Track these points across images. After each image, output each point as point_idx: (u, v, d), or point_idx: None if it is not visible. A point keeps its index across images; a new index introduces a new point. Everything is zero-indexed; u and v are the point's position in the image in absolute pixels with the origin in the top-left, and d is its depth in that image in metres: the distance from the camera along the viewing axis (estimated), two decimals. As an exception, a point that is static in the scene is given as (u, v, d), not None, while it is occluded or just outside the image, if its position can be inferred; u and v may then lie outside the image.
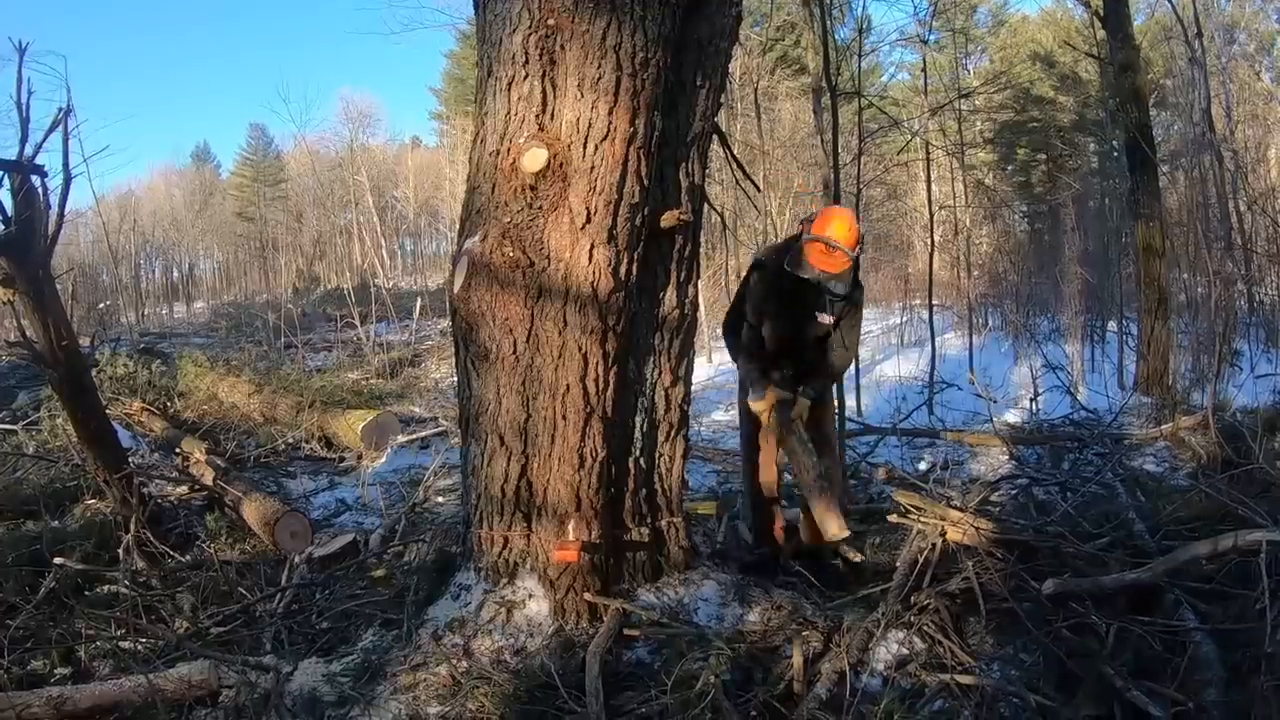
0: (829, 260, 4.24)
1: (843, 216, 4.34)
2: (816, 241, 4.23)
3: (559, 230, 3.39)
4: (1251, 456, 5.35)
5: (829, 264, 4.26)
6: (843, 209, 4.44)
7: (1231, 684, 2.99)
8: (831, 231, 4.21)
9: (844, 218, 4.33)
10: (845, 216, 4.35)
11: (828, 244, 4.20)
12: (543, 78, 3.39)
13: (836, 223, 4.27)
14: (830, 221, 4.28)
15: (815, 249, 4.25)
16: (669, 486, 4.03)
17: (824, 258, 4.24)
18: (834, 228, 4.23)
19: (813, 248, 4.26)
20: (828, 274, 4.29)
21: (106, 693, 3.30)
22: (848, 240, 4.22)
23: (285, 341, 16.82)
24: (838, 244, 4.20)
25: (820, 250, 4.23)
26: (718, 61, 3.87)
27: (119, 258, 32.22)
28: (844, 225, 4.26)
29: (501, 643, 3.54)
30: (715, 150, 4.62)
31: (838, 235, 4.20)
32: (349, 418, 9.22)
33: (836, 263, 4.26)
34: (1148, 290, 9.57)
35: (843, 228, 4.24)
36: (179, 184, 53.56)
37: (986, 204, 20.79)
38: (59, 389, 5.67)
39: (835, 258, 4.24)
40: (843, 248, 4.21)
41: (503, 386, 3.59)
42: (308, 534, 5.79)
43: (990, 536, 4.15)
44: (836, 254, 4.22)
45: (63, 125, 5.62)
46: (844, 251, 4.22)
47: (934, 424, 8.71)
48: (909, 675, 3.28)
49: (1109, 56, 10.67)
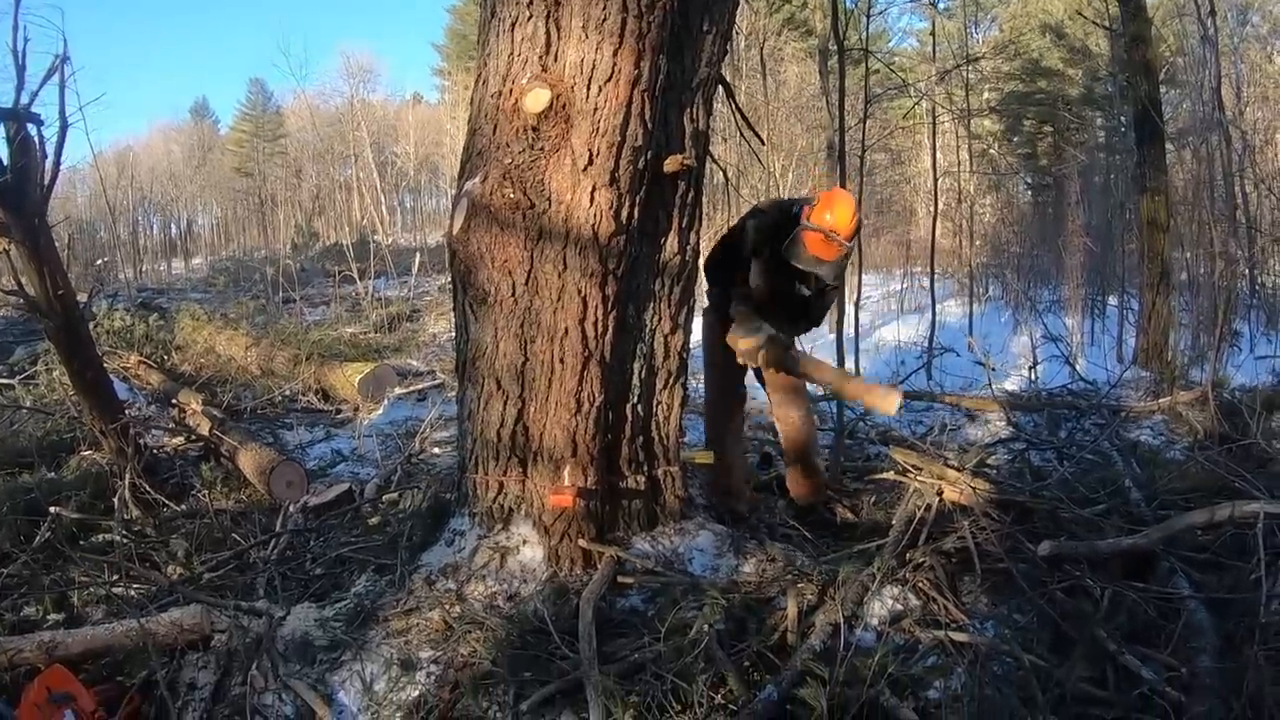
0: (826, 249, 4.13)
1: (846, 204, 4.16)
2: (817, 231, 4.11)
3: (560, 172, 3.33)
4: (1249, 433, 5.35)
5: (826, 253, 4.15)
6: (845, 194, 4.27)
7: (1225, 652, 3.00)
8: (834, 221, 4.08)
9: (847, 206, 4.15)
10: (848, 205, 4.17)
11: (828, 235, 4.09)
12: (547, 18, 3.32)
13: (840, 211, 4.11)
14: (834, 209, 4.11)
15: (815, 238, 4.13)
16: (666, 435, 4.00)
17: (824, 247, 4.13)
18: (837, 217, 4.09)
19: (812, 236, 4.13)
20: (822, 262, 4.19)
21: (98, 637, 3.29)
22: (848, 231, 4.11)
23: (283, 296, 16.80)
24: (838, 236, 4.09)
25: (819, 240, 4.11)
26: (725, 7, 3.79)
27: (117, 214, 32.15)
28: (846, 214, 4.11)
29: (495, 588, 3.53)
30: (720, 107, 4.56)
31: (839, 225, 4.08)
32: (346, 370, 9.23)
33: (833, 252, 4.15)
34: (1150, 264, 9.52)
35: (845, 217, 4.10)
36: (177, 139, 53.19)
37: (991, 173, 20.69)
38: (55, 339, 5.65)
39: (834, 248, 4.13)
40: (840, 239, 4.10)
41: (500, 329, 3.55)
42: (303, 483, 5.79)
43: (987, 497, 4.13)
44: (836, 244, 4.12)
45: (59, 73, 5.57)
46: (841, 243, 4.12)
47: (932, 388, 8.71)
48: (903, 631, 3.27)
49: (1120, 28, 10.57)
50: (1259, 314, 12.12)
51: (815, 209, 4.13)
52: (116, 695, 3.05)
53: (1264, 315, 12.08)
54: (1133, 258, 11.73)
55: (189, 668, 3.25)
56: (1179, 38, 17.74)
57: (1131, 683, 2.89)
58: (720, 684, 2.96)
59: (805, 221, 4.15)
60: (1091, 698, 2.86)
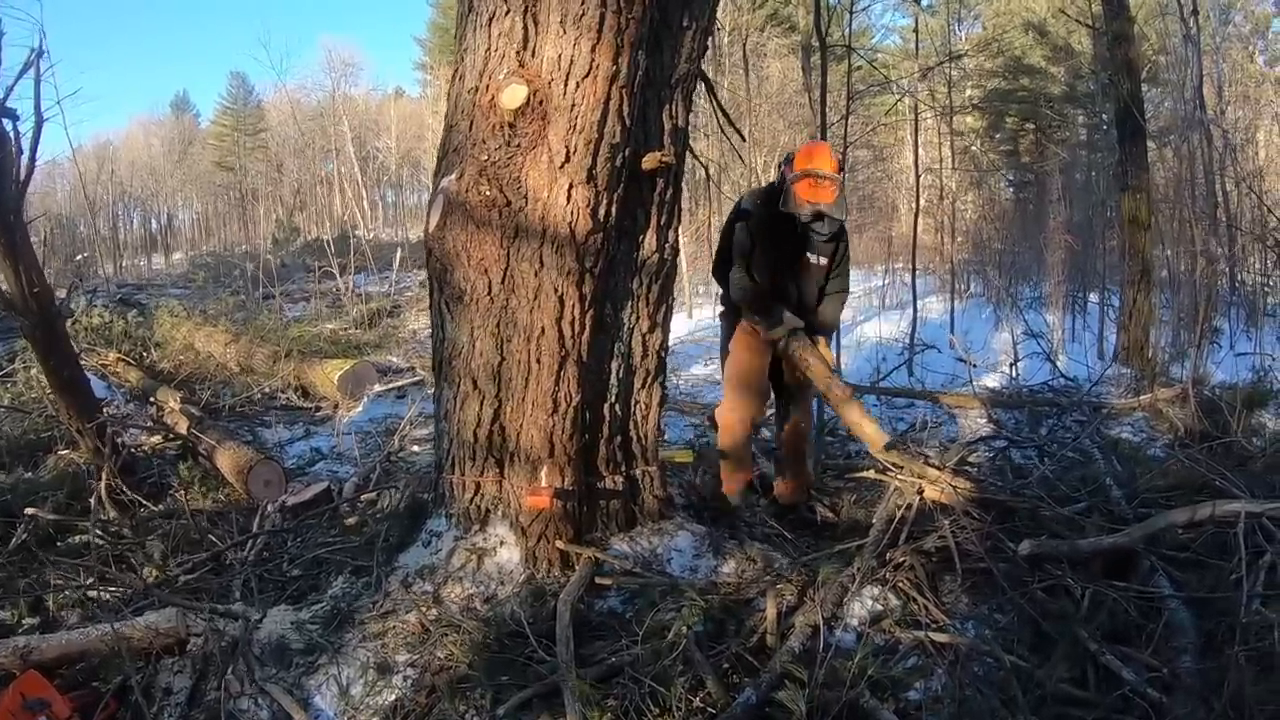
0: (819, 192, 4.30)
1: (821, 147, 4.43)
2: (804, 177, 4.29)
3: (537, 169, 3.30)
4: (1230, 431, 5.37)
5: (820, 195, 4.31)
6: (817, 141, 4.58)
7: (1206, 652, 3.00)
8: (816, 163, 4.28)
9: (823, 147, 4.41)
10: (823, 146, 4.44)
11: (815, 176, 4.26)
12: (524, 13, 3.29)
13: (816, 152, 4.36)
14: (811, 155, 4.35)
15: (804, 185, 4.30)
16: (644, 434, 3.99)
17: (814, 190, 4.29)
18: (817, 159, 4.31)
19: (800, 184, 4.31)
20: (822, 206, 4.34)
21: (73, 642, 3.25)
22: (831, 166, 4.29)
23: (263, 292, 16.70)
24: (825, 173, 4.26)
25: (809, 185, 4.29)
26: (706, 3, 3.77)
27: (96, 209, 31.88)
28: (825, 154, 4.33)
29: (472, 590, 3.51)
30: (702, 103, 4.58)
31: (822, 165, 4.27)
32: (326, 367, 9.16)
33: (826, 192, 4.31)
34: (1131, 262, 9.57)
35: (824, 157, 4.32)
36: (157, 133, 52.88)
37: (973, 170, 20.75)
38: (31, 337, 5.58)
39: (824, 188, 4.30)
40: (829, 175, 4.27)
41: (477, 328, 3.52)
42: (281, 482, 5.76)
43: (967, 496, 4.12)
44: (824, 184, 4.29)
45: (35, 68, 5.51)
46: (831, 179, 4.28)
47: (913, 385, 8.72)
48: (883, 631, 3.26)
49: (1103, 26, 10.60)
50: (1239, 311, 12.19)
51: (796, 159, 4.39)
52: (92, 701, 3.02)
53: (1244, 312, 12.15)
54: (1114, 255, 11.78)
55: (164, 672, 3.22)
56: (1161, 36, 17.84)
57: (1112, 683, 2.89)
58: (699, 687, 2.94)
59: (791, 174, 4.37)
60: (1072, 698, 2.86)
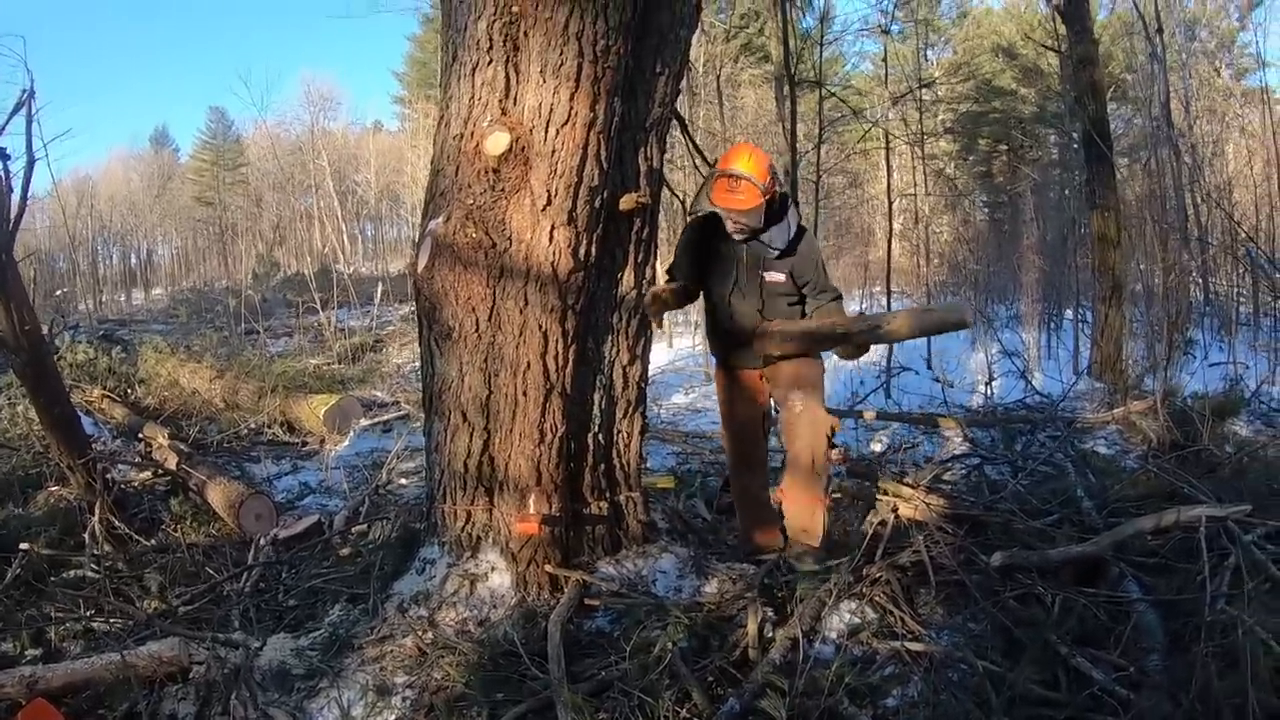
0: (732, 196, 3.93)
1: (742, 147, 4.09)
2: (720, 178, 3.96)
3: (520, 212, 3.47)
4: (1199, 440, 5.54)
5: (732, 200, 3.94)
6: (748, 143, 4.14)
7: (1172, 651, 3.11)
8: (734, 164, 3.93)
9: (746, 148, 4.07)
10: (745, 146, 4.10)
11: (729, 176, 3.92)
12: (506, 63, 3.47)
13: (738, 154, 3.99)
14: (730, 155, 4.02)
15: (719, 185, 3.96)
16: (627, 462, 4.12)
17: (727, 194, 3.94)
18: (736, 159, 3.95)
19: (716, 184, 3.98)
20: (732, 211, 3.97)
21: (78, 671, 3.32)
22: (752, 170, 3.92)
23: (246, 327, 16.70)
24: (740, 173, 3.90)
25: (723, 186, 3.95)
26: (677, 49, 3.94)
27: (76, 243, 31.73)
28: (744, 154, 3.98)
29: (465, 614, 3.62)
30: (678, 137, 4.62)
31: (740, 165, 3.92)
32: (311, 402, 9.22)
33: (740, 198, 3.93)
34: (1102, 278, 9.82)
35: (743, 156, 3.97)
36: (137, 168, 52.54)
37: (947, 193, 21.04)
38: (21, 375, 5.63)
39: (740, 191, 3.92)
40: (747, 177, 3.89)
41: (465, 364, 3.67)
42: (272, 516, 5.83)
43: (941, 512, 4.29)
44: (741, 186, 3.91)
45: (26, 107, 5.59)
46: (750, 181, 3.90)
47: (890, 407, 8.86)
48: (860, 643, 3.36)
49: (1069, 50, 10.87)
50: (1213, 321, 12.42)
51: (719, 163, 4.09)
52: (99, 728, 3.08)
53: (1217, 323, 12.38)
54: (1086, 271, 11.99)
55: (169, 699, 3.29)
56: (1128, 55, 18.17)
57: (1082, 683, 2.98)
58: (685, 699, 3.04)
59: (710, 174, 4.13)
60: (1044, 699, 2.95)
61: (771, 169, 4.02)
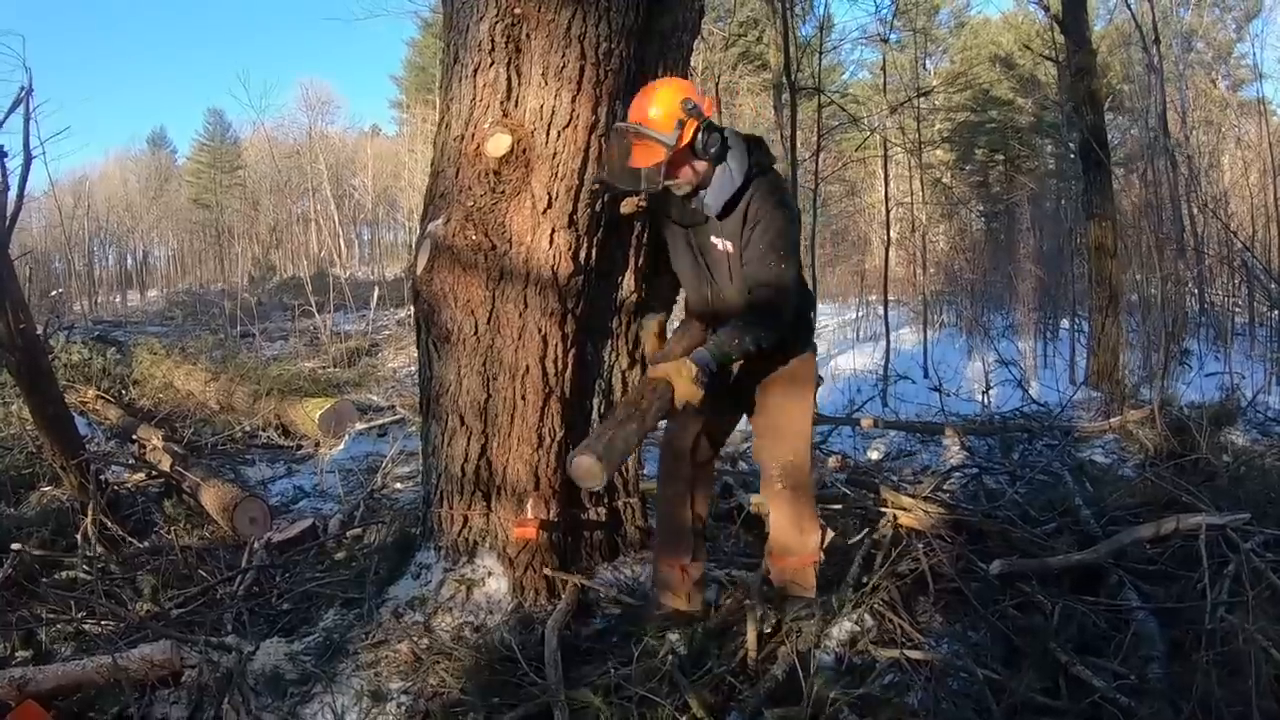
0: (633, 150, 3.10)
1: (646, 88, 3.19)
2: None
3: (521, 214, 3.45)
4: (1196, 448, 5.54)
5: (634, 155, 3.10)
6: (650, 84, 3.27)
7: (1173, 659, 3.11)
8: (630, 112, 3.13)
9: (647, 88, 3.18)
10: (649, 86, 3.20)
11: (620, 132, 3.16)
12: (508, 65, 3.44)
13: (637, 98, 3.15)
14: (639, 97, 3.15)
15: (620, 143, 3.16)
16: (626, 468, 4.09)
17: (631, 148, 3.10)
18: (633, 106, 3.14)
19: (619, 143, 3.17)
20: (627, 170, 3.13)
21: (69, 673, 3.28)
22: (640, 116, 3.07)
23: (241, 330, 16.70)
24: (626, 127, 3.10)
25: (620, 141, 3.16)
26: (680, 54, 3.93)
27: (72, 244, 31.67)
28: (644, 96, 3.13)
29: (462, 619, 3.59)
30: None
31: (633, 114, 3.11)
32: (306, 406, 9.22)
33: (637, 150, 3.08)
34: (1099, 288, 9.84)
35: (640, 101, 3.12)
36: (134, 169, 52.58)
37: (944, 202, 21.08)
38: (16, 374, 5.64)
39: (638, 145, 3.08)
40: (633, 128, 3.06)
41: (463, 367, 3.64)
42: (266, 519, 5.81)
43: (940, 521, 4.27)
44: (639, 140, 3.06)
45: (24, 105, 5.59)
46: (638, 132, 3.04)
47: (887, 415, 8.85)
48: (860, 651, 3.33)
49: (1066, 60, 10.90)
50: (1209, 331, 12.45)
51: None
52: (89, 730, 3.05)
53: (1213, 332, 12.41)
54: (1083, 281, 12.02)
55: (160, 703, 3.25)
56: (1125, 65, 18.23)
57: (1083, 691, 2.97)
58: (684, 708, 3.00)
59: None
60: (1044, 707, 2.93)
61: (685, 104, 3.06)
